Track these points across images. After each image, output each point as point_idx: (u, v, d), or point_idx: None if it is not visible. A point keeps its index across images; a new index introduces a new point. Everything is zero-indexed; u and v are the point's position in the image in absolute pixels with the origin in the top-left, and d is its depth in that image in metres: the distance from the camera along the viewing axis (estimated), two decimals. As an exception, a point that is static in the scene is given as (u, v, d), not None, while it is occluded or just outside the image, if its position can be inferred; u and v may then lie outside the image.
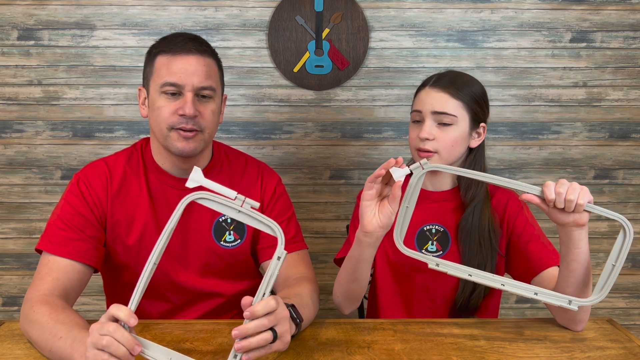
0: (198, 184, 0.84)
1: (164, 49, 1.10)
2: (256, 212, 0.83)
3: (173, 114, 1.08)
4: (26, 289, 1.04)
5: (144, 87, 1.16)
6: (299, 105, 1.94)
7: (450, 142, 1.14)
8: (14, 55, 1.88)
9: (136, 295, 0.81)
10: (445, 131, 1.14)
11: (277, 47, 1.88)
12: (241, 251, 1.21)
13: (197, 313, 1.22)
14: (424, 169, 0.96)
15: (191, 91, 1.09)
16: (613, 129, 1.99)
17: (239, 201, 0.83)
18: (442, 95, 1.14)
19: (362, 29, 1.88)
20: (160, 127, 1.10)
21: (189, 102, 1.08)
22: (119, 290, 1.22)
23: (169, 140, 1.10)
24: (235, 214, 0.84)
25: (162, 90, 1.09)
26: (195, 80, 1.08)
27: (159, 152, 1.17)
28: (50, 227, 1.09)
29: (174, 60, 1.08)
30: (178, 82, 1.07)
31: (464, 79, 1.18)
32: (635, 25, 1.92)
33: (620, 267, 0.93)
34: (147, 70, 1.13)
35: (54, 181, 1.96)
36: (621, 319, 2.12)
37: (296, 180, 1.97)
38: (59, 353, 0.89)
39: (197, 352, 0.96)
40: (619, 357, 0.97)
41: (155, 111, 1.10)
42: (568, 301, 0.95)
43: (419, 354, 0.97)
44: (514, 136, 1.98)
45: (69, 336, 0.88)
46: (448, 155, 1.16)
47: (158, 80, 1.09)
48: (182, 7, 1.86)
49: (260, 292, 0.81)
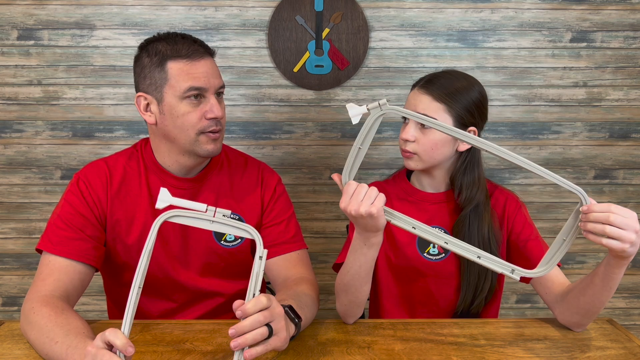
0: (168, 203, 0.85)
1: (174, 55, 1.08)
2: (229, 220, 0.85)
3: (201, 118, 1.09)
4: (26, 289, 1.04)
5: (146, 93, 1.11)
6: (299, 105, 1.94)
7: (430, 144, 1.13)
8: (13, 55, 1.88)
9: (127, 319, 0.81)
10: (426, 134, 1.13)
11: (277, 47, 1.88)
12: (241, 250, 1.21)
13: (198, 313, 1.22)
14: (382, 109, 0.92)
15: (214, 93, 1.10)
16: (613, 129, 1.99)
17: (210, 212, 0.85)
18: (426, 97, 1.13)
19: (362, 29, 1.88)
20: (188, 133, 1.09)
21: (216, 104, 1.10)
22: (119, 290, 1.22)
23: (198, 145, 1.10)
24: (209, 225, 0.85)
25: (186, 96, 1.07)
26: (215, 81, 1.10)
27: (167, 155, 1.15)
28: (51, 227, 1.09)
29: (194, 66, 1.08)
30: (204, 86, 1.08)
31: (458, 84, 1.14)
32: (635, 25, 1.92)
33: (571, 243, 0.91)
34: (157, 77, 1.08)
35: (54, 181, 1.96)
36: (621, 319, 2.12)
37: (296, 180, 1.96)
38: (53, 356, 0.90)
39: (197, 352, 0.96)
40: (619, 357, 0.97)
41: (179, 118, 1.08)
42: (511, 270, 0.93)
43: (419, 354, 0.97)
44: (514, 136, 1.98)
45: (65, 341, 0.89)
46: (428, 157, 1.14)
47: (178, 86, 1.07)
48: (182, 7, 1.86)
49: (250, 292, 0.83)
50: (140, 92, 1.11)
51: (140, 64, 1.11)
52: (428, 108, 1.13)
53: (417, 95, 1.15)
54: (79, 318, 0.96)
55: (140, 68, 1.11)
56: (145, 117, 1.12)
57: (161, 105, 1.09)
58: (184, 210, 0.85)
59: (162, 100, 1.09)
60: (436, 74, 1.18)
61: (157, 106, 1.10)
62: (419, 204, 1.22)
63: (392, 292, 1.24)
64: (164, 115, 1.09)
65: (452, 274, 1.19)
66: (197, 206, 0.84)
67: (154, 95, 1.09)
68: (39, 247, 1.08)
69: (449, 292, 1.21)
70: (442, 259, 1.19)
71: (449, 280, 1.20)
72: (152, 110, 1.11)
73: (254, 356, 0.80)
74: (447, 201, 1.22)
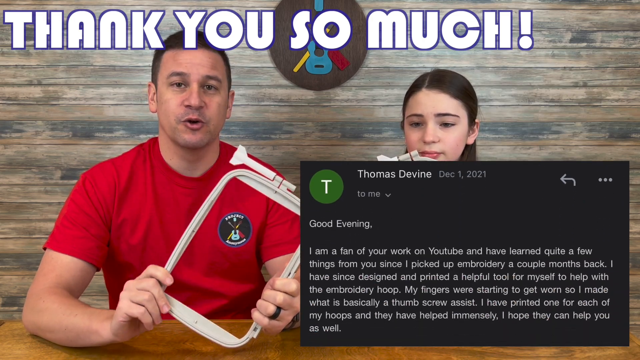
0: (241, 162, 0.88)
1: (172, 44, 1.15)
2: (291, 195, 0.87)
3: (179, 105, 1.10)
4: (26, 289, 1.04)
5: (152, 82, 1.20)
6: (299, 105, 1.94)
7: (455, 142, 1.15)
8: (13, 55, 1.88)
9: (172, 259, 0.88)
10: (448, 132, 1.14)
11: (277, 47, 1.88)
12: (246, 250, 1.21)
13: (199, 313, 1.21)
14: (413, 161, 0.93)
15: (196, 82, 1.11)
16: (613, 129, 1.99)
17: (276, 182, 0.87)
18: (443, 96, 1.14)
19: (362, 29, 1.88)
20: (169, 119, 1.12)
21: (195, 92, 1.10)
22: (121, 288, 1.22)
23: (177, 133, 1.12)
24: (272, 194, 0.88)
25: (169, 82, 1.11)
26: (201, 70, 1.11)
27: (167, 149, 1.18)
28: (57, 227, 1.11)
29: (181, 53, 1.12)
30: (184, 71, 1.10)
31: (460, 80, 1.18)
32: (635, 25, 1.92)
33: None
34: (155, 65, 1.18)
35: (54, 181, 1.96)
36: (621, 319, 2.12)
37: (296, 181, 1.95)
38: (74, 328, 0.89)
39: (197, 352, 0.96)
40: (619, 357, 0.96)
41: (163, 104, 1.13)
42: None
43: (419, 354, 0.97)
44: (514, 136, 1.98)
45: (86, 312, 0.90)
46: (453, 155, 1.16)
47: (165, 72, 1.12)
48: (182, 7, 1.86)
49: (287, 271, 0.85)
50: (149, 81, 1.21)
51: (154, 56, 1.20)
52: (449, 106, 1.14)
53: (432, 95, 1.15)
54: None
55: (153, 59, 1.20)
56: (150, 105, 1.21)
57: (157, 92, 1.17)
58: (253, 173, 0.87)
59: (157, 88, 1.16)
60: (437, 73, 1.19)
61: (155, 94, 1.18)
62: None
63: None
64: (157, 102, 1.17)
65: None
66: (266, 172, 0.87)
67: (155, 83, 1.17)
68: (45, 246, 1.09)
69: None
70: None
71: None
72: (155, 98, 1.18)
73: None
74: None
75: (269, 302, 0.83)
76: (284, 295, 0.82)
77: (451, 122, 1.13)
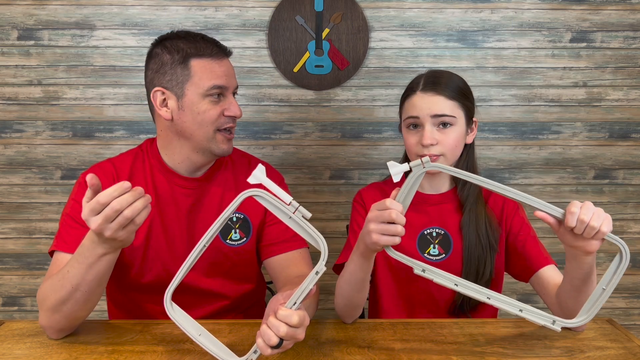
0: (259, 181, 0.86)
1: (198, 53, 1.11)
2: (306, 223, 0.84)
3: (220, 115, 1.13)
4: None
5: (165, 88, 1.12)
6: (299, 105, 1.94)
7: (453, 142, 1.14)
8: (14, 55, 1.88)
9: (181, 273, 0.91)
10: (446, 133, 1.14)
11: (277, 47, 1.88)
12: (247, 249, 1.22)
13: (200, 314, 1.21)
14: (424, 167, 0.92)
15: (232, 93, 1.16)
16: (613, 129, 1.99)
17: (292, 207, 0.85)
18: (438, 97, 1.14)
19: (362, 29, 1.88)
20: (206, 129, 1.12)
21: (236, 103, 1.15)
22: (119, 290, 1.22)
23: (214, 142, 1.14)
24: (286, 218, 0.86)
25: (208, 94, 1.11)
26: (233, 81, 1.16)
27: (178, 153, 1.17)
28: (63, 227, 1.11)
29: (217, 65, 1.12)
30: (225, 85, 1.13)
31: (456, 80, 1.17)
32: (635, 25, 1.92)
33: (611, 292, 0.92)
34: (179, 73, 1.10)
35: (54, 181, 1.96)
36: (621, 319, 2.12)
37: (296, 180, 1.96)
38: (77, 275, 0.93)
39: (197, 352, 0.96)
40: (619, 357, 0.97)
41: (200, 114, 1.11)
42: (552, 321, 0.94)
43: (419, 354, 0.97)
44: (514, 136, 1.98)
45: (71, 261, 0.94)
46: (452, 156, 1.16)
47: (202, 83, 1.10)
48: (182, 7, 1.87)
49: (292, 301, 0.83)
50: (158, 87, 1.12)
51: (159, 60, 1.12)
52: (446, 107, 1.13)
53: (428, 97, 1.14)
54: None
55: (159, 64, 1.12)
56: (160, 112, 1.13)
57: (181, 101, 1.11)
58: (269, 195, 0.85)
59: (182, 96, 1.11)
60: (432, 74, 1.18)
61: (175, 102, 1.12)
62: (418, 206, 1.22)
63: (392, 292, 1.24)
64: (183, 111, 1.12)
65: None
66: (283, 196, 0.84)
67: (174, 91, 1.11)
68: (52, 249, 1.09)
69: (448, 292, 1.21)
70: (442, 259, 1.19)
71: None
72: (170, 105, 1.12)
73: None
74: (446, 202, 1.22)
75: (272, 333, 0.82)
76: (287, 327, 0.81)
77: (448, 122, 1.13)
